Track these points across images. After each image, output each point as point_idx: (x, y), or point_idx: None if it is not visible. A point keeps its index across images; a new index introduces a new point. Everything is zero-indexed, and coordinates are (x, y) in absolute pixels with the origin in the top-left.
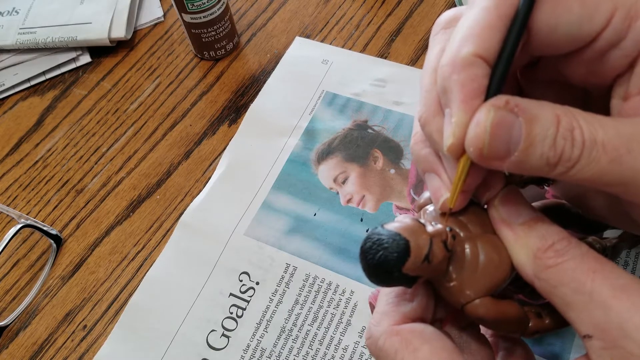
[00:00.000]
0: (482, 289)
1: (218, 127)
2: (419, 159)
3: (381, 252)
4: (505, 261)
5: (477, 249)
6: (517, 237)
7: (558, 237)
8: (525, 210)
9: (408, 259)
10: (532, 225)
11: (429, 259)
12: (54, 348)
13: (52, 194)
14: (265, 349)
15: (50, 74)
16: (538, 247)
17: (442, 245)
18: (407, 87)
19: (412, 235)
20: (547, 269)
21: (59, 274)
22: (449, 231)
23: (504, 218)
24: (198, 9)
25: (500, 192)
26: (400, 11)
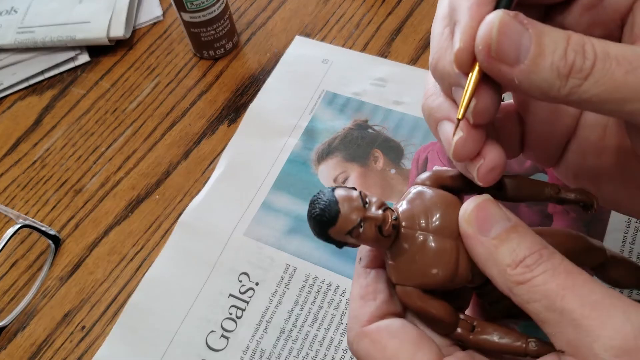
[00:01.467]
0: (410, 281)
1: (217, 126)
2: (431, 111)
3: (316, 210)
4: (443, 274)
5: (424, 249)
6: (488, 252)
7: (529, 251)
8: (499, 222)
9: (333, 227)
10: (503, 239)
11: (352, 235)
12: (53, 349)
13: (50, 194)
14: (265, 350)
15: (49, 73)
16: (508, 264)
17: (375, 229)
18: (408, 86)
19: (345, 209)
20: (518, 285)
21: (57, 274)
22: (394, 220)
23: (474, 234)
24: (197, 7)
25: (472, 205)
26: (400, 10)
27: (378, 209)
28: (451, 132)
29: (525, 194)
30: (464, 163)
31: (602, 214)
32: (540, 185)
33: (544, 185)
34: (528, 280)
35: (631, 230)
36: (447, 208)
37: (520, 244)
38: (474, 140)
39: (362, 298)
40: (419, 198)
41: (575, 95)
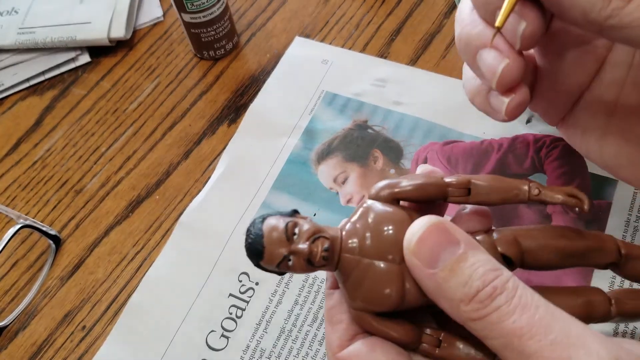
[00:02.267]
0: (360, 306)
1: (217, 127)
2: (470, 39)
3: (247, 243)
4: (391, 300)
5: (368, 276)
6: (437, 286)
7: (482, 283)
8: (447, 249)
9: (262, 260)
10: (453, 271)
11: (281, 268)
12: (53, 349)
13: (51, 194)
14: (265, 350)
15: (50, 73)
16: (460, 299)
17: (304, 262)
18: (407, 87)
19: (270, 244)
20: (472, 321)
21: (58, 274)
22: (324, 251)
23: (420, 267)
24: (197, 8)
25: (416, 233)
26: (400, 11)
27: (306, 241)
28: (493, 61)
29: (497, 197)
30: (482, 100)
31: (601, 212)
32: (516, 185)
33: (520, 185)
34: (482, 317)
35: (630, 229)
36: (394, 227)
37: (472, 275)
38: (519, 68)
39: (329, 322)
40: (365, 218)
41: (615, 18)
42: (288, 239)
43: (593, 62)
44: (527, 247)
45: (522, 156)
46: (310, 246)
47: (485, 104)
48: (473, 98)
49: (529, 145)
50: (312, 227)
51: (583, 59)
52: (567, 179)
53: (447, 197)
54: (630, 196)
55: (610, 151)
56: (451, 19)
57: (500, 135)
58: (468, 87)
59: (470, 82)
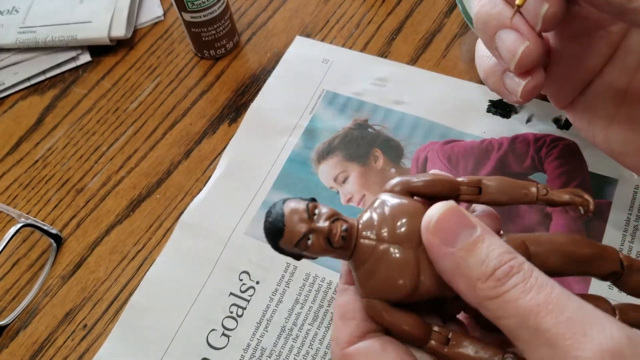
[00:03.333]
0: (374, 294)
1: (218, 126)
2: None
3: (267, 223)
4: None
5: (384, 261)
6: (455, 265)
7: (499, 262)
8: (465, 231)
9: (281, 239)
10: (470, 250)
11: (300, 246)
12: (54, 347)
13: (52, 193)
14: (266, 349)
15: (50, 73)
16: (477, 277)
17: (324, 241)
18: (408, 86)
19: (291, 222)
20: (489, 300)
21: (59, 273)
22: (343, 231)
23: (438, 245)
24: (198, 7)
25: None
26: (400, 10)
27: (326, 220)
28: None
29: (507, 197)
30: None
31: (601, 212)
32: (525, 186)
33: (529, 186)
34: (499, 295)
35: (630, 228)
36: (410, 216)
37: (489, 255)
38: (539, 51)
39: (341, 318)
40: (381, 207)
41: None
42: (309, 217)
43: (607, 47)
44: (534, 252)
45: (522, 155)
46: (331, 225)
47: (499, 84)
48: (487, 77)
49: (529, 144)
50: (331, 210)
51: (597, 44)
52: (567, 178)
53: (459, 195)
54: (630, 195)
55: (617, 138)
56: (452, 18)
57: (500, 135)
58: (482, 65)
59: (484, 61)
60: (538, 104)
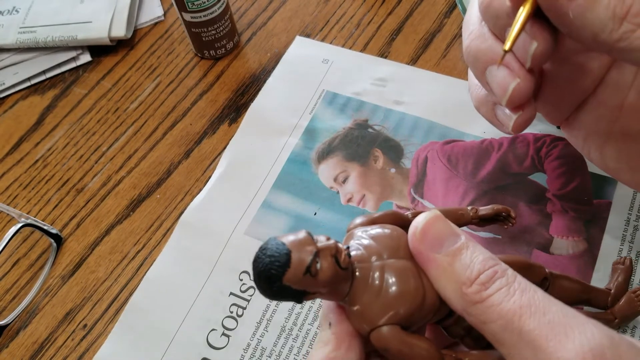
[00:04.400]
0: (389, 317)
1: (218, 126)
2: (479, 54)
3: (265, 262)
4: (415, 293)
5: (386, 275)
6: (441, 270)
7: (483, 266)
8: (450, 238)
9: (288, 269)
10: (456, 256)
11: (311, 272)
12: (54, 347)
13: (52, 193)
14: (266, 348)
15: (51, 73)
16: (463, 281)
17: (332, 260)
18: (408, 86)
19: (295, 246)
20: (473, 305)
21: (59, 273)
22: (346, 249)
23: (425, 252)
24: (198, 8)
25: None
26: (400, 10)
27: (327, 240)
28: (503, 77)
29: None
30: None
31: (602, 212)
32: (459, 211)
33: (462, 210)
34: (483, 300)
35: (630, 228)
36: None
37: (473, 260)
38: (529, 87)
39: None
40: (362, 234)
41: (625, 41)
42: (313, 239)
43: (598, 68)
44: None
45: (522, 155)
46: (335, 242)
47: (491, 115)
48: (479, 107)
49: (529, 144)
50: (325, 235)
51: (589, 65)
52: (567, 178)
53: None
54: (630, 195)
55: (612, 155)
56: (452, 18)
57: (500, 135)
58: (474, 95)
59: (477, 90)
60: None
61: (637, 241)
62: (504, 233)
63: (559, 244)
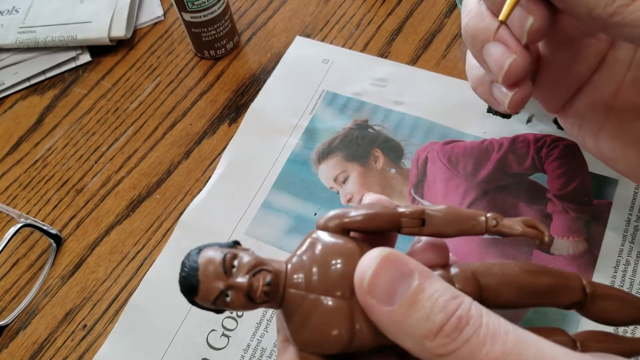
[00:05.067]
0: (309, 348)
1: (218, 126)
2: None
3: (181, 275)
4: (337, 339)
5: (314, 313)
6: (397, 325)
7: (446, 315)
8: (402, 283)
9: (196, 296)
10: (412, 305)
11: (218, 304)
12: (54, 347)
13: (52, 194)
14: (266, 349)
15: (50, 73)
16: (424, 335)
17: (244, 297)
18: (408, 86)
19: (206, 278)
20: (440, 358)
21: (58, 273)
22: (266, 285)
23: (374, 305)
24: (198, 8)
25: (369, 269)
26: (400, 10)
27: (246, 274)
28: (500, 56)
29: (453, 228)
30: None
31: (602, 212)
32: (473, 216)
33: (477, 216)
34: (452, 352)
35: (631, 228)
36: (343, 261)
37: (433, 307)
38: (525, 63)
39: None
40: (312, 250)
41: (619, 16)
42: (226, 272)
43: (595, 55)
44: (485, 284)
45: (523, 156)
46: (251, 280)
47: (488, 94)
48: (476, 87)
49: (529, 144)
50: (253, 260)
51: (585, 52)
52: (567, 178)
53: (400, 228)
54: (630, 195)
55: (606, 143)
56: (452, 18)
57: (500, 135)
58: (471, 75)
59: (474, 71)
60: (538, 104)
61: (637, 241)
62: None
63: (560, 245)
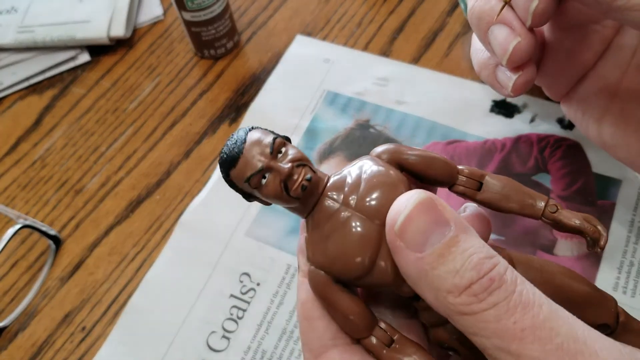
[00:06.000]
0: (322, 264)
1: (218, 126)
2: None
3: (225, 146)
4: (357, 265)
5: (342, 229)
6: (421, 273)
7: (477, 274)
8: (437, 231)
9: (233, 169)
10: (442, 256)
11: (252, 183)
12: (53, 349)
13: (50, 194)
14: (266, 351)
15: (49, 72)
16: (448, 289)
17: (280, 185)
18: (410, 86)
19: (249, 152)
20: (461, 316)
21: (57, 274)
22: (306, 180)
23: (402, 250)
24: (198, 7)
25: (405, 210)
26: (402, 9)
27: (290, 162)
28: (505, 38)
29: (509, 203)
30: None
31: (606, 213)
32: (533, 196)
33: (537, 197)
34: (475, 313)
35: (635, 229)
36: (387, 190)
37: (465, 263)
38: (530, 46)
39: (306, 318)
40: (359, 170)
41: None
42: (272, 152)
43: (600, 42)
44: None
45: (526, 156)
46: (293, 168)
47: (492, 78)
48: (480, 70)
49: (532, 144)
50: (300, 154)
51: (590, 38)
52: (571, 178)
53: (454, 185)
54: (634, 196)
55: (608, 131)
56: (454, 16)
57: (503, 135)
58: (476, 59)
59: (479, 54)
60: (541, 103)
61: None
62: (508, 234)
63: (563, 246)
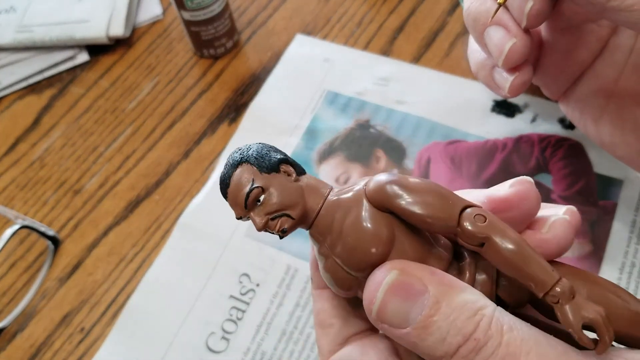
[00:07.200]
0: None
1: (218, 126)
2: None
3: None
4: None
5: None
6: (413, 345)
7: (462, 337)
8: (415, 305)
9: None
10: (426, 328)
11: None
12: (52, 351)
13: (49, 195)
14: (266, 352)
15: (48, 72)
16: (440, 356)
17: (261, 229)
18: (410, 85)
19: (231, 196)
20: None
21: (56, 275)
22: (281, 232)
23: (389, 329)
24: (197, 6)
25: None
26: (402, 8)
27: (266, 215)
28: (501, 39)
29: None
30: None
31: (607, 213)
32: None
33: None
34: None
35: (636, 230)
36: (362, 248)
37: (450, 329)
38: (525, 47)
39: (320, 326)
40: (345, 214)
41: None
42: (247, 207)
43: (596, 41)
44: None
45: (527, 156)
46: (267, 223)
47: (489, 79)
48: (477, 71)
49: (533, 145)
50: (278, 202)
51: (587, 38)
52: (572, 179)
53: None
54: (636, 197)
55: (607, 129)
56: (454, 16)
57: (504, 135)
58: (473, 59)
59: (476, 55)
60: (542, 103)
61: None
62: None
63: None
